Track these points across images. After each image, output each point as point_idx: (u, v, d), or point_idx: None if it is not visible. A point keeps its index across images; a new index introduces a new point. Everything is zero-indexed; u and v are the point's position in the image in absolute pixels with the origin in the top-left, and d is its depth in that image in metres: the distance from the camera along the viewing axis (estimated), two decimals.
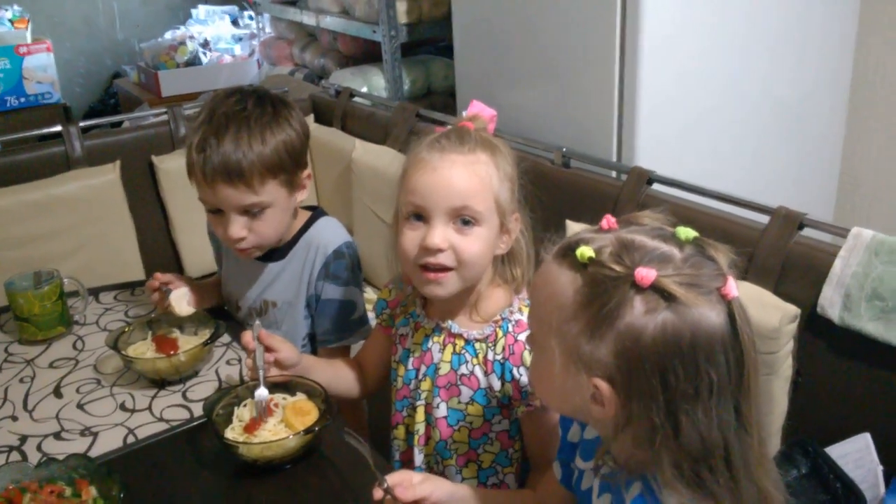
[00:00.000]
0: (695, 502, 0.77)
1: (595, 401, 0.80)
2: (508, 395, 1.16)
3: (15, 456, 1.17)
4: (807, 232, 1.36)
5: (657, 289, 0.75)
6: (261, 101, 1.38)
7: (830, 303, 1.28)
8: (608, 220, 0.85)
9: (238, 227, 1.36)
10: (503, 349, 1.15)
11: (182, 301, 1.46)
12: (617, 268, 0.77)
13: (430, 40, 3.06)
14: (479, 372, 1.17)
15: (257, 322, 1.22)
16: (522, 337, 1.14)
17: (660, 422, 0.76)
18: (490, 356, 1.16)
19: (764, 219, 1.40)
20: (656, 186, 1.60)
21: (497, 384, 1.16)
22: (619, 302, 0.76)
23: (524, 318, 1.16)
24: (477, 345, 1.17)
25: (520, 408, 1.16)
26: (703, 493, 0.78)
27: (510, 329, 1.16)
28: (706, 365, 0.76)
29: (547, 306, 0.83)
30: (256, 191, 1.34)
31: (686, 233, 0.81)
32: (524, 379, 1.14)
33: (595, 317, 0.77)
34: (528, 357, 1.13)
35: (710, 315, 0.76)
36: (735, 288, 0.78)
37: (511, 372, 1.14)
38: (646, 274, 0.75)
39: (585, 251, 0.79)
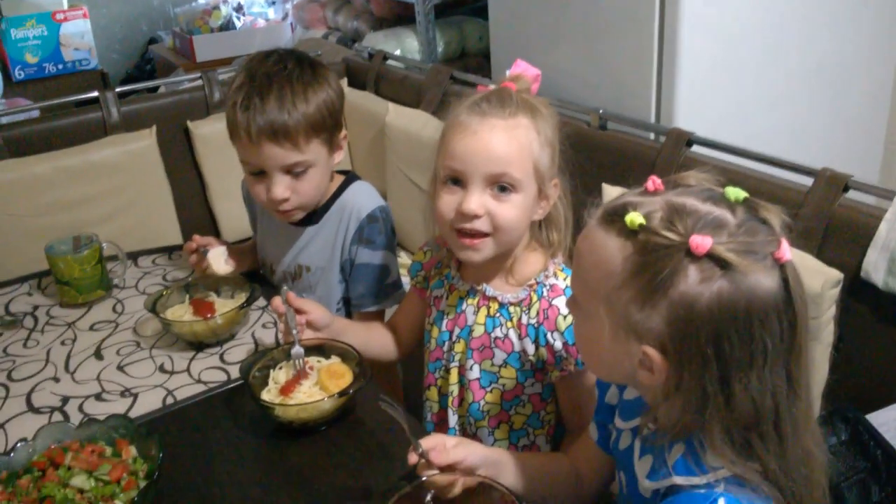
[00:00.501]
0: (740, 466, 0.77)
1: (643, 367, 0.79)
2: (542, 360, 1.15)
3: (57, 416, 1.20)
4: (851, 194, 1.33)
5: (712, 257, 0.73)
6: (300, 62, 1.39)
7: (875, 267, 1.24)
8: (654, 182, 0.82)
9: (282, 188, 1.37)
10: (537, 313, 1.14)
11: (220, 259, 1.47)
12: (670, 235, 0.75)
13: (465, 1, 3.01)
14: (513, 335, 1.16)
15: (285, 287, 1.23)
16: (557, 302, 1.13)
17: (712, 390, 0.75)
18: (524, 320, 1.15)
19: (808, 181, 1.36)
20: (696, 148, 1.56)
21: (531, 348, 1.15)
22: (673, 270, 0.74)
23: (559, 282, 1.15)
24: (511, 308, 1.17)
25: (554, 372, 1.15)
26: (749, 456, 0.77)
27: (545, 293, 1.14)
28: (761, 332, 0.74)
29: (594, 273, 0.81)
30: (301, 149, 1.35)
31: (736, 193, 0.79)
32: (558, 344, 1.13)
33: (647, 285, 0.75)
34: (562, 322, 1.12)
35: (765, 281, 0.74)
36: (789, 251, 0.76)
37: (545, 336, 1.14)
38: (701, 242, 0.73)
39: (635, 217, 0.76)
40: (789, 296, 0.75)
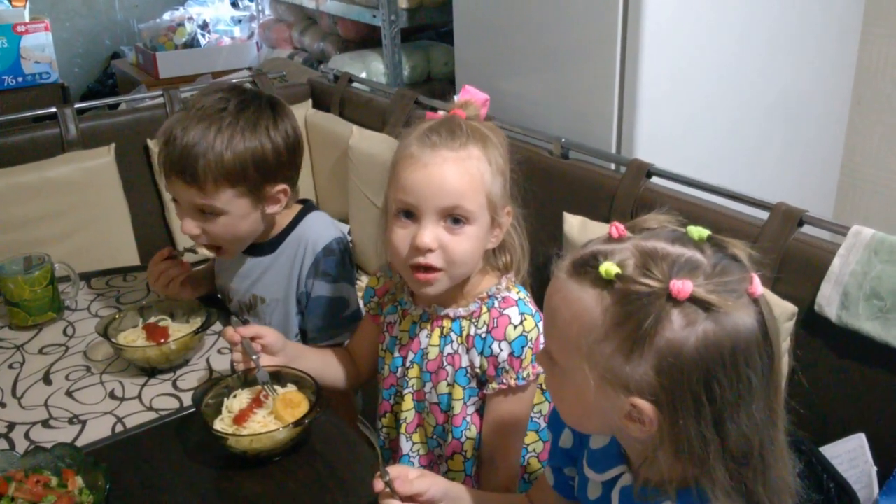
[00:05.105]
0: None
1: (633, 420, 0.76)
2: (485, 371, 1.14)
3: (2, 444, 1.16)
4: (806, 229, 1.35)
5: (695, 300, 0.72)
6: (244, 104, 1.32)
7: (828, 301, 1.26)
8: (617, 228, 0.81)
9: (190, 224, 1.33)
10: (486, 324, 1.13)
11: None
12: (649, 282, 0.73)
13: (431, 26, 3.03)
14: (462, 350, 1.15)
15: (235, 318, 1.21)
16: (509, 311, 1.12)
17: (709, 434, 0.73)
18: (472, 331, 1.14)
19: (763, 215, 1.38)
20: (655, 180, 1.58)
21: (477, 360, 1.14)
22: (657, 318, 0.72)
23: (512, 294, 1.14)
24: (463, 323, 1.16)
25: (492, 384, 1.13)
26: (749, 498, 0.76)
27: (496, 304, 1.14)
28: (746, 369, 0.73)
29: (572, 327, 0.78)
30: (208, 195, 1.30)
31: (699, 232, 0.78)
32: (503, 354, 1.11)
33: (631, 335, 0.74)
34: (511, 332, 1.11)
35: (745, 318, 0.74)
36: (760, 285, 0.76)
37: (491, 347, 1.12)
38: (682, 287, 0.72)
39: (610, 268, 0.75)
40: (766, 330, 0.75)
